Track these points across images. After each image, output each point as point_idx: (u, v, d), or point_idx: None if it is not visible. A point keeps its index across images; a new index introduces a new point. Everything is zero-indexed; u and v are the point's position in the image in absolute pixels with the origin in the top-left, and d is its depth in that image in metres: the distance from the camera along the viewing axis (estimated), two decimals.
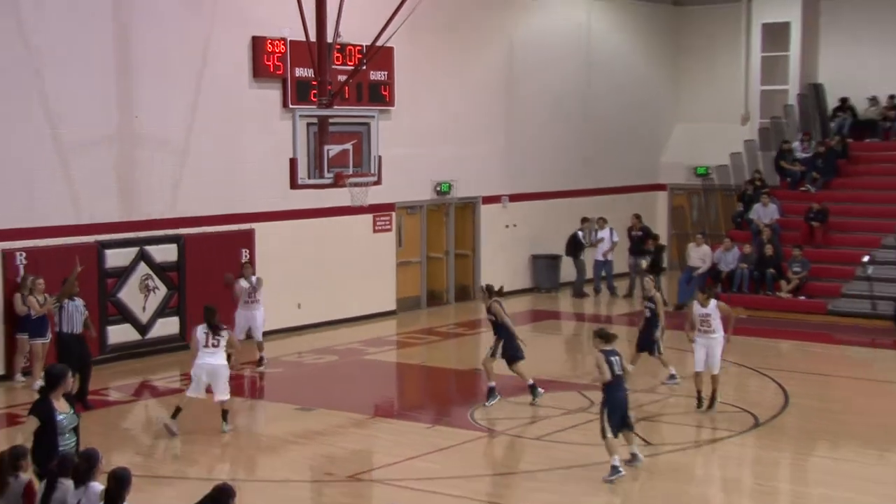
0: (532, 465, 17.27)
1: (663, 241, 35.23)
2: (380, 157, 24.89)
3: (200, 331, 18.88)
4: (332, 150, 24.31)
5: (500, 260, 33.56)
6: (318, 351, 26.03)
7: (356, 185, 25.44)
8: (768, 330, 28.61)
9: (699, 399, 20.48)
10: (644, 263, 33.77)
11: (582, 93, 35.98)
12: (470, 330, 29.47)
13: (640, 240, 34.33)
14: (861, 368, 25.64)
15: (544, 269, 34.73)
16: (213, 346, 18.65)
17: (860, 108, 36.68)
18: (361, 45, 26.09)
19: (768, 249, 32.01)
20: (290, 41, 26.25)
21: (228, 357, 19.08)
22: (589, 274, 34.64)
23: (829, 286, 31.06)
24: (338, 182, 24.80)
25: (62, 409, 13.49)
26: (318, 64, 24.37)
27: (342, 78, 25.51)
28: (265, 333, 24.30)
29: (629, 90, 37.71)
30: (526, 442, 18.78)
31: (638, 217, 35.00)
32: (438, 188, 31.69)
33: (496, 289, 21.59)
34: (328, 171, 24.41)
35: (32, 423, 13.42)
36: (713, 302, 20.71)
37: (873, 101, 36.42)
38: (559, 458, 17.61)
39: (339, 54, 25.91)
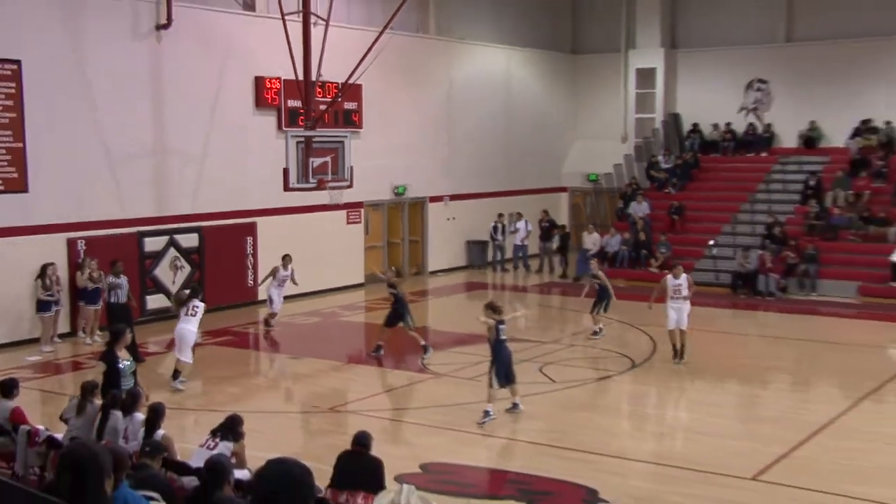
0: (469, 399, 17.23)
1: (567, 230, 35.28)
2: (352, 167, 24.78)
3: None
4: (315, 161, 24.17)
5: (443, 244, 33.51)
6: (305, 314, 25.87)
7: (334, 188, 25.32)
8: (642, 295, 28.48)
9: (675, 351, 20.25)
10: (554, 246, 34.00)
11: (504, 119, 35.87)
12: (421, 297, 29.35)
13: (548, 229, 34.35)
14: (707, 323, 25.70)
15: (475, 251, 34.64)
16: (192, 315, 18.22)
17: (706, 132, 36.76)
18: (338, 83, 25.86)
19: (642, 236, 32.19)
20: (284, 79, 25.99)
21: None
22: (509, 255, 34.70)
23: (686, 262, 30.95)
24: (320, 186, 24.69)
25: (124, 358, 13.94)
26: (305, 97, 24.22)
27: (323, 107, 25.34)
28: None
29: (539, 116, 37.60)
30: (463, 381, 18.72)
31: (546, 212, 34.98)
32: (396, 190, 31.53)
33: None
34: (312, 178, 24.28)
35: (101, 368, 14.00)
36: (684, 275, 20.71)
37: (715, 126, 36.52)
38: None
39: (320, 89, 25.65)
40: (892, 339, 24.12)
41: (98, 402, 12.69)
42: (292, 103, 26.45)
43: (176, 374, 18.15)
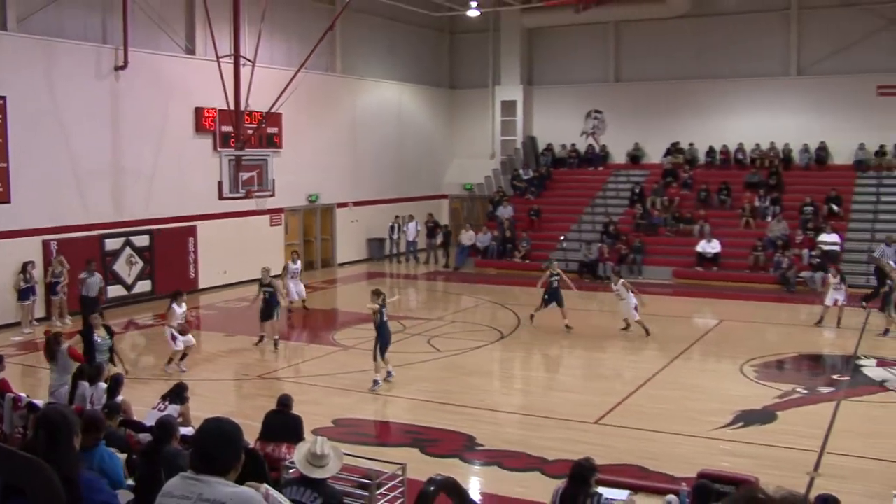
0: (370, 366, 17.19)
1: (448, 229, 35.33)
2: (274, 180, 24.65)
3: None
4: (244, 175, 23.96)
5: (348, 241, 33.22)
6: (237, 299, 25.41)
7: (259, 197, 25.09)
8: (508, 280, 28.94)
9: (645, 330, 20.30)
10: (438, 242, 34.06)
11: (397, 140, 35.73)
12: (331, 285, 29.15)
13: (433, 228, 34.35)
14: None
15: (375, 246, 34.45)
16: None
17: (557, 151, 37.16)
18: (262, 112, 25.56)
19: (507, 233, 32.37)
20: (219, 109, 25.57)
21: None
22: (403, 249, 34.64)
23: (542, 254, 31.47)
24: (248, 195, 24.48)
25: (100, 335, 13.77)
26: (236, 123, 23.97)
27: (250, 131, 25.06)
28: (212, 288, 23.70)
29: (425, 138, 37.62)
30: (366, 352, 18.59)
31: (431, 215, 35.00)
32: (310, 198, 31.13)
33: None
34: (242, 189, 24.03)
35: (79, 341, 13.87)
36: (621, 282, 20.66)
37: (563, 146, 36.95)
38: (390, 361, 17.54)
39: (248, 117, 25.36)
40: (697, 310, 24.73)
41: (66, 345, 12.87)
42: (225, 128, 26.01)
43: (182, 357, 17.24)
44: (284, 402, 10.75)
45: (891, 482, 10.26)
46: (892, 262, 22.15)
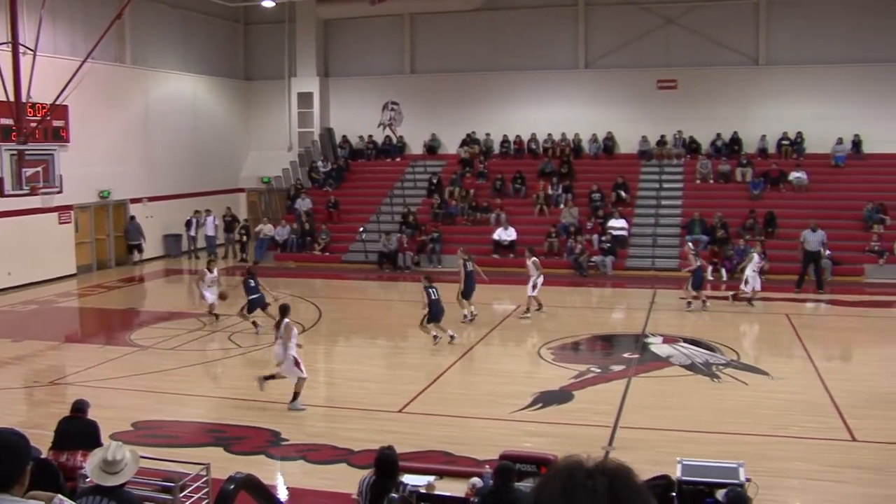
0: (169, 366, 16.73)
1: (247, 223, 34.71)
2: (61, 176, 23.39)
3: None
4: (28, 171, 22.66)
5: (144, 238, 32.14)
6: (24, 302, 24.11)
7: (46, 193, 23.86)
8: (308, 273, 28.77)
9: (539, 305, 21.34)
10: (236, 237, 33.43)
11: (192, 133, 34.74)
12: (126, 284, 28.09)
13: (231, 223, 33.75)
14: (359, 293, 26.27)
15: (171, 242, 33.42)
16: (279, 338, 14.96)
17: (354, 143, 37.24)
18: (46, 104, 24.24)
19: (306, 226, 32.14)
20: None
21: None
22: (201, 245, 33.79)
23: (342, 246, 31.49)
24: (33, 192, 23.19)
25: None
26: (17, 115, 22.65)
27: (33, 125, 23.75)
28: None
29: (221, 130, 36.76)
30: (163, 351, 18.13)
31: (229, 209, 34.38)
32: (101, 194, 29.86)
33: None
34: (26, 186, 22.75)
35: None
36: (532, 260, 21.25)
37: (361, 138, 37.09)
38: (188, 359, 17.16)
39: (31, 109, 23.95)
40: (495, 297, 25.33)
41: None
42: (5, 121, 24.45)
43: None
44: (79, 408, 10.29)
45: (676, 450, 10.91)
46: (694, 251, 22.96)
